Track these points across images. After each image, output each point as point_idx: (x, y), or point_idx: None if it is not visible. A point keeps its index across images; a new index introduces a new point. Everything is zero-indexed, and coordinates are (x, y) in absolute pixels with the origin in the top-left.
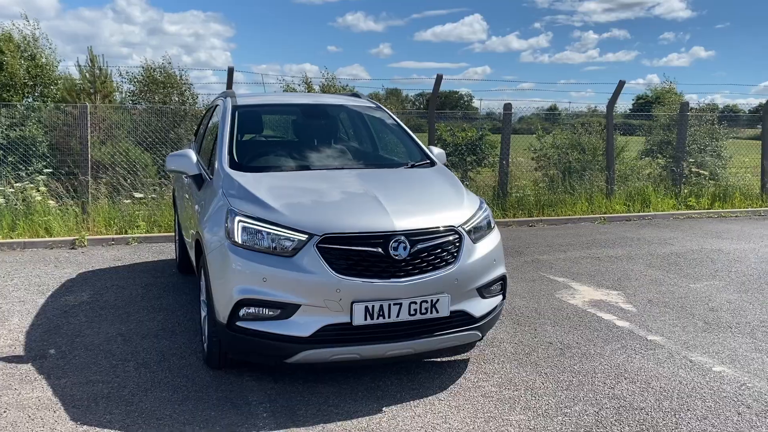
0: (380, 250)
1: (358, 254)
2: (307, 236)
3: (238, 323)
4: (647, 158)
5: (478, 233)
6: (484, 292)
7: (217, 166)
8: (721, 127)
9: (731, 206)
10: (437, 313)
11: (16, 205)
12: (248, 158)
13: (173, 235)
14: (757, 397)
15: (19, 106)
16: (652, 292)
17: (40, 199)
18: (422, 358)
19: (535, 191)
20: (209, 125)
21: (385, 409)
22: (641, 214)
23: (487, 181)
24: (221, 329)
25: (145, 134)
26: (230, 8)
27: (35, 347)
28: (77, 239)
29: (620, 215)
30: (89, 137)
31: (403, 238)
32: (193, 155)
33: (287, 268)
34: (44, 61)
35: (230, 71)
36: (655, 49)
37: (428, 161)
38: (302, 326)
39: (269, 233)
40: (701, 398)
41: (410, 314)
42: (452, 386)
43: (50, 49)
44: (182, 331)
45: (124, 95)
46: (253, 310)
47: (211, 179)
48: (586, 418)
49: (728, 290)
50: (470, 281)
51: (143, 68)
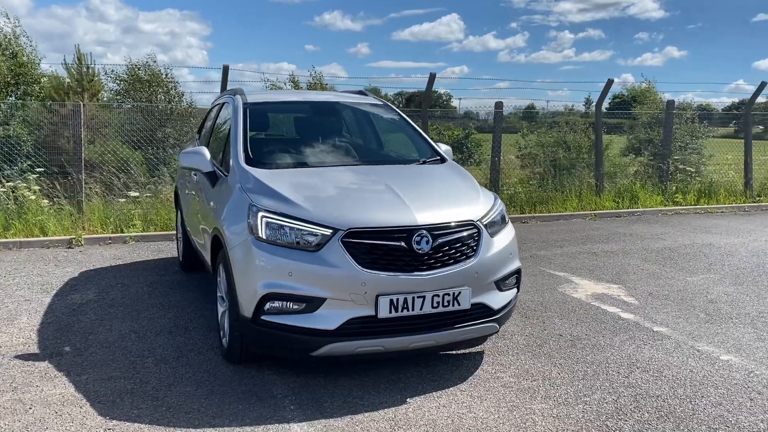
0: (403, 244)
1: (382, 248)
2: (331, 231)
3: (263, 317)
4: (630, 156)
5: (494, 227)
6: (501, 285)
7: (232, 162)
8: (701, 125)
9: (716, 202)
10: (459, 305)
11: (8, 204)
12: (263, 155)
13: (171, 233)
14: (766, 383)
15: (2, 104)
16: (651, 285)
17: (34, 198)
18: (441, 350)
19: (525, 189)
20: (217, 123)
21: (409, 400)
22: (630, 210)
23: (476, 178)
24: (245, 324)
25: (133, 133)
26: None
27: (50, 345)
28: (74, 238)
29: (610, 212)
30: (83, 136)
31: (425, 232)
32: (206, 152)
33: (313, 262)
34: (26, 59)
35: (225, 70)
36: (629, 48)
37: (438, 158)
38: (328, 319)
39: (293, 228)
40: (713, 386)
41: (433, 307)
42: (471, 377)
43: (31, 46)
44: (195, 327)
45: (110, 94)
46: (278, 304)
47: (225, 176)
48: (605, 405)
49: (724, 283)
50: (489, 274)
51: (127, 66)
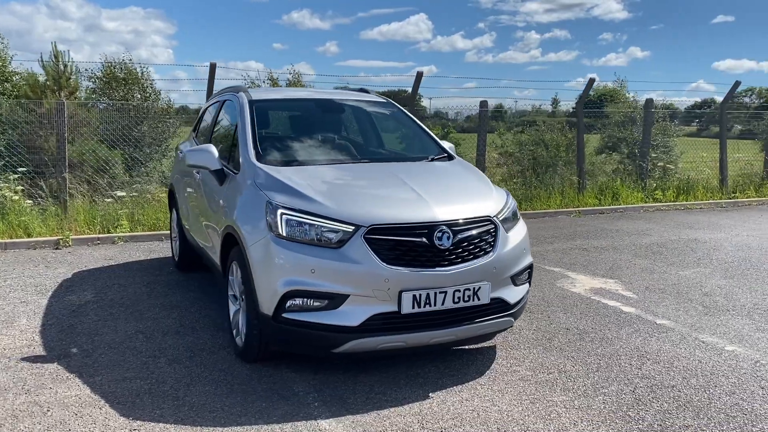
0: (425, 240)
1: (404, 244)
2: (353, 227)
3: (284, 315)
4: (604, 154)
5: (508, 223)
6: (516, 279)
7: (242, 160)
8: (672, 124)
9: (694, 199)
10: (479, 300)
11: None
12: (273, 152)
13: (160, 233)
14: None
15: None
16: (646, 279)
17: (17, 198)
18: (459, 344)
19: (510, 187)
20: (218, 120)
21: (431, 395)
22: (613, 207)
23: None
24: (265, 321)
25: (114, 132)
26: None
27: (55, 347)
28: (61, 239)
29: (593, 208)
30: (66, 135)
31: (445, 228)
32: (214, 150)
33: (335, 259)
34: None
35: (212, 67)
36: (594, 49)
37: (446, 155)
38: (351, 316)
39: (314, 225)
40: (723, 375)
41: (454, 302)
42: (488, 372)
43: (2, 44)
44: (202, 327)
45: (86, 92)
46: (299, 301)
47: (235, 173)
48: (624, 396)
49: (715, 276)
50: (506, 269)
51: (103, 64)
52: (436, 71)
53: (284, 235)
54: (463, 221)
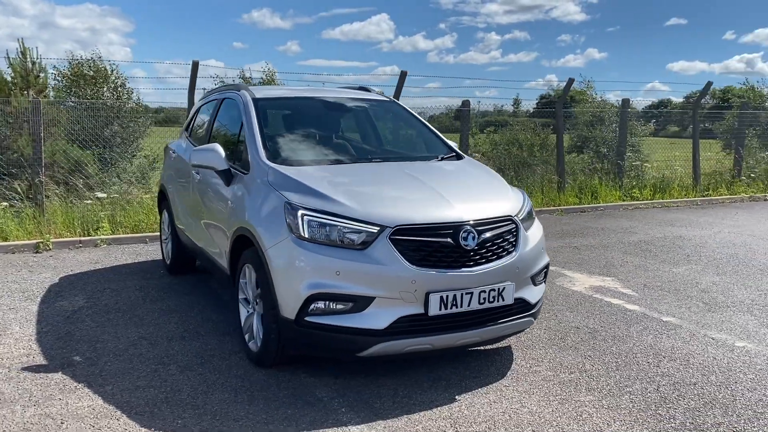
0: (450, 240)
1: (430, 245)
2: (378, 228)
3: (306, 318)
4: (573, 153)
5: (526, 222)
6: (535, 279)
7: (251, 159)
8: (639, 123)
9: (670, 197)
10: (503, 301)
11: None
12: (283, 151)
13: (143, 235)
14: None
15: None
16: (642, 277)
17: None
18: (479, 345)
19: None
20: (216, 119)
21: (457, 397)
22: (593, 205)
23: None
24: (286, 325)
25: (84, 131)
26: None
27: (56, 355)
28: (41, 242)
29: (575, 207)
30: (42, 134)
31: (470, 227)
32: (221, 150)
33: (361, 260)
34: None
35: (194, 66)
36: (553, 50)
37: (454, 153)
38: (377, 318)
39: (337, 226)
40: (741, 371)
41: (480, 303)
42: (510, 372)
43: None
44: (207, 332)
45: (53, 91)
46: (323, 304)
47: (244, 173)
48: (650, 395)
49: (708, 273)
50: (527, 269)
51: (69, 62)
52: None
53: (306, 236)
54: (486, 221)
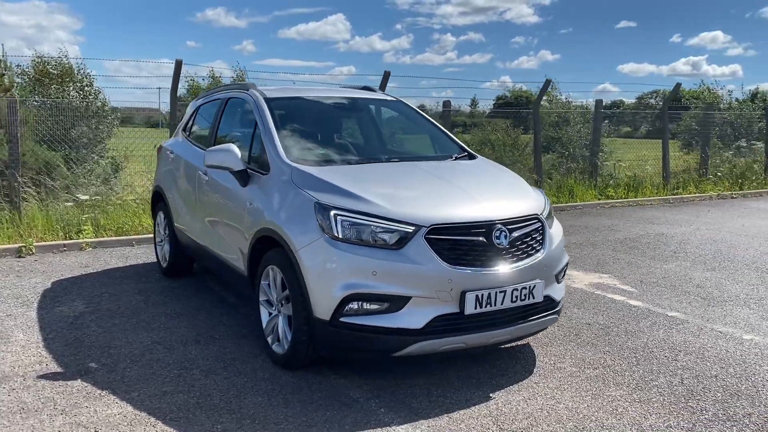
0: (484, 239)
1: (464, 244)
2: (413, 228)
3: (341, 319)
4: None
5: (549, 220)
6: (558, 277)
7: (271, 160)
8: (606, 124)
9: (643, 195)
10: (533, 299)
11: None
12: (302, 151)
13: (129, 238)
14: None
15: None
16: (636, 273)
17: None
18: (510, 343)
19: None
20: (221, 119)
21: (491, 395)
22: (572, 204)
23: None
24: (320, 326)
25: (53, 132)
26: None
27: (70, 362)
28: (23, 246)
29: (555, 206)
30: (19, 135)
31: (502, 226)
32: (237, 150)
33: (397, 260)
34: None
35: (178, 65)
36: (507, 52)
37: (466, 153)
38: (413, 318)
39: (370, 226)
40: (756, 363)
41: (512, 301)
42: (536, 369)
43: None
44: (221, 335)
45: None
46: (359, 304)
47: (263, 174)
48: (676, 388)
49: (698, 269)
50: (553, 267)
51: (33, 60)
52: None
53: (340, 237)
54: (516, 219)
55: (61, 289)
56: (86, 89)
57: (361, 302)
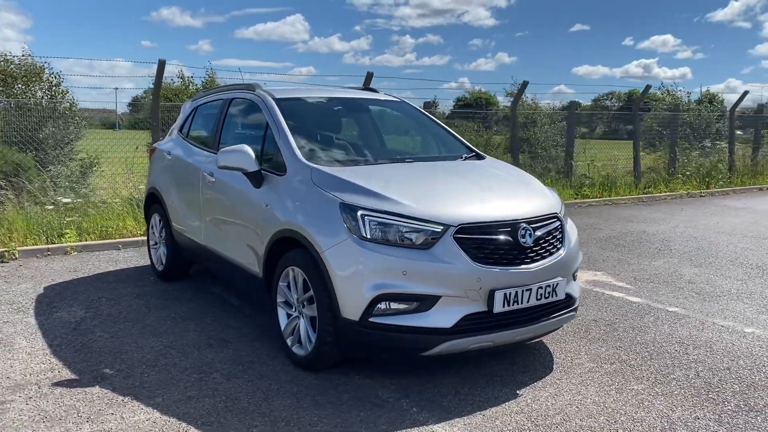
0: (510, 238)
1: (492, 243)
2: (442, 227)
3: (371, 319)
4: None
5: (565, 219)
6: (575, 275)
7: (287, 161)
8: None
9: (616, 194)
10: (556, 296)
11: None
12: (318, 152)
13: (116, 242)
14: None
15: None
16: (628, 270)
17: None
18: (533, 340)
19: None
20: (225, 120)
21: (518, 392)
22: None
23: None
24: (349, 327)
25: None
26: None
27: (83, 369)
28: (6, 251)
29: None
30: None
31: (526, 225)
32: (251, 151)
33: (427, 260)
34: None
35: (161, 64)
36: (465, 54)
37: (474, 153)
38: (443, 317)
39: (398, 226)
40: (764, 355)
41: (537, 299)
42: (555, 366)
43: None
44: (233, 339)
45: None
46: (388, 304)
47: (278, 175)
48: (694, 381)
49: (685, 265)
50: (572, 265)
51: None
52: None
53: (368, 237)
54: (538, 218)
55: (54, 294)
56: (54, 89)
57: (394, 302)
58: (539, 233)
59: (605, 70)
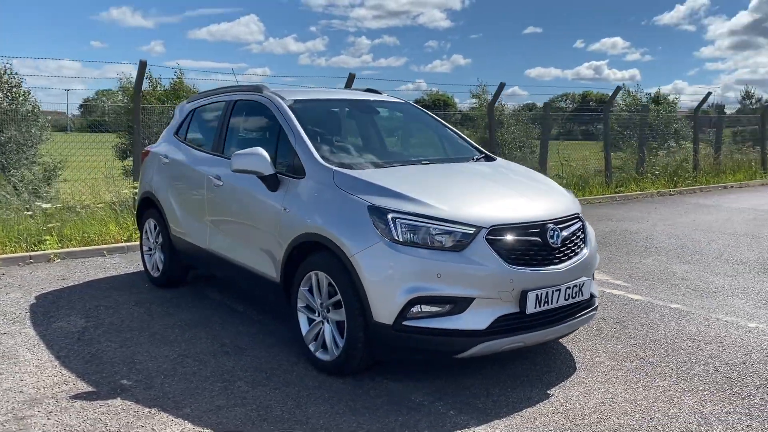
0: (539, 239)
1: (522, 244)
2: (474, 229)
3: (405, 322)
4: None
5: (584, 219)
6: (594, 274)
7: (306, 164)
8: (533, 126)
9: (590, 194)
10: (582, 296)
11: None
12: (336, 154)
13: (101, 248)
14: None
15: None
16: (620, 268)
17: None
18: (557, 340)
19: None
20: (230, 123)
21: (549, 392)
22: None
23: None
24: (382, 331)
25: None
26: None
27: (99, 380)
28: None
29: None
30: None
31: (553, 225)
32: (266, 154)
33: (461, 262)
34: None
35: (143, 65)
36: (421, 56)
37: (483, 154)
38: (477, 319)
39: (429, 228)
40: None
41: (565, 299)
42: (578, 365)
43: None
44: (248, 346)
45: None
46: (421, 308)
47: (297, 178)
48: (715, 375)
49: (674, 262)
50: (593, 265)
51: None
52: (270, 73)
53: (401, 240)
54: (564, 219)
55: (48, 303)
56: (14, 90)
57: (428, 305)
58: (565, 233)
59: (557, 71)
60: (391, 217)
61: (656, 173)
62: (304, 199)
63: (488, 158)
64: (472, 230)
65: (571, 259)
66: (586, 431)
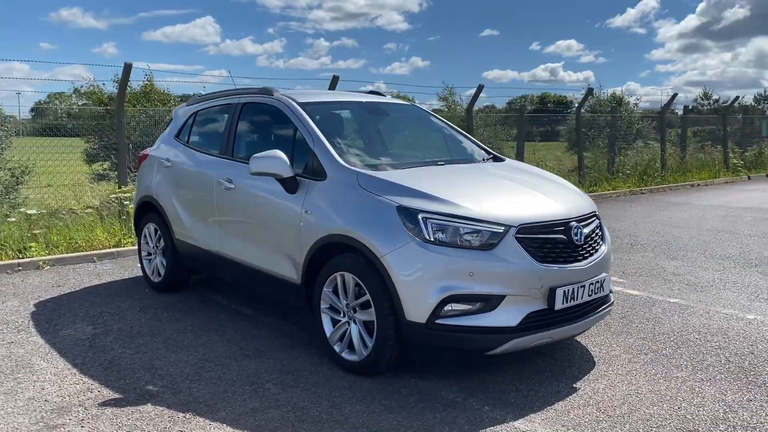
0: (564, 236)
1: (549, 242)
2: (504, 228)
3: (438, 321)
4: None
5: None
6: (609, 271)
7: (327, 165)
8: (502, 128)
9: None
10: (603, 291)
11: None
12: (355, 156)
13: (91, 254)
14: None
15: None
16: (614, 265)
17: None
18: (578, 335)
19: None
20: (238, 126)
21: (575, 386)
22: None
23: None
24: (414, 330)
25: None
26: None
27: (123, 387)
28: None
29: None
30: None
31: (576, 223)
32: (285, 156)
33: (492, 260)
34: None
35: (127, 68)
36: (380, 58)
37: (491, 155)
38: (509, 316)
39: (458, 227)
40: None
41: (589, 295)
42: (596, 359)
43: None
44: (268, 348)
45: None
46: (453, 306)
47: (318, 180)
48: (728, 365)
49: (663, 258)
50: (610, 261)
51: None
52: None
53: (432, 239)
54: (584, 217)
55: (48, 311)
56: None
57: (461, 303)
58: (586, 231)
59: (514, 74)
60: (421, 217)
61: (627, 173)
62: (326, 201)
63: (496, 158)
64: (501, 229)
65: (592, 255)
66: (619, 422)
